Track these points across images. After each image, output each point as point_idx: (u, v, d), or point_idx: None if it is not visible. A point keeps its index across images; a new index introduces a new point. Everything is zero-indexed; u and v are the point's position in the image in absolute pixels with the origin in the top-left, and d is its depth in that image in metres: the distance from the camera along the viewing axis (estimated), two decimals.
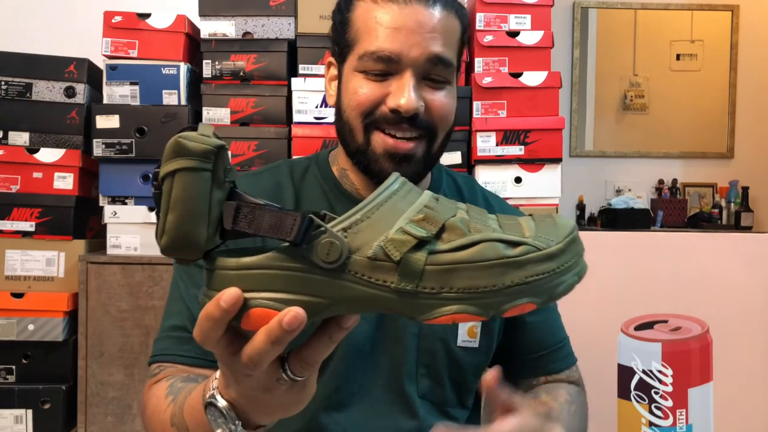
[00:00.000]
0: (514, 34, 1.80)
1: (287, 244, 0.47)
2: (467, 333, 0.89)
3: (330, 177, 0.93)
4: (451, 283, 0.46)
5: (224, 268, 0.48)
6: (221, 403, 0.55)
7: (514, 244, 0.47)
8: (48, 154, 1.77)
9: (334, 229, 0.47)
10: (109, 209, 1.78)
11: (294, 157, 1.73)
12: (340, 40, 0.87)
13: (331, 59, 0.91)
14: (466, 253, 0.47)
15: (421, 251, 0.47)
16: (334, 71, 0.90)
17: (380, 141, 0.83)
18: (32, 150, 1.77)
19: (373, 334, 0.86)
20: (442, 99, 0.84)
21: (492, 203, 0.99)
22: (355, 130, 0.84)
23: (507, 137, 1.77)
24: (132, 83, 1.79)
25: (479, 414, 1.00)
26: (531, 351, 0.95)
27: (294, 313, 0.46)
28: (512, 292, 0.46)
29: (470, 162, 1.80)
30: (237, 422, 0.55)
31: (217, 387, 0.56)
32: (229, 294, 0.46)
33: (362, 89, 0.82)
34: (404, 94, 0.80)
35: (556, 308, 1.00)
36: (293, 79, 1.78)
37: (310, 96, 1.77)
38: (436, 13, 0.82)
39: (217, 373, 0.56)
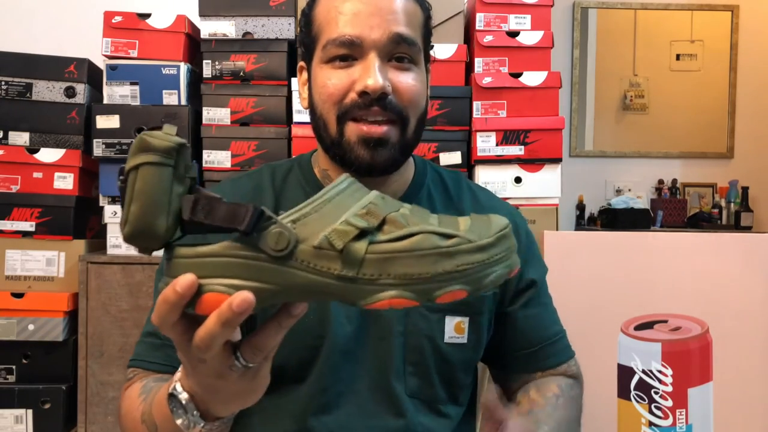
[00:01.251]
0: (514, 34, 1.80)
1: (240, 233, 0.50)
2: (454, 329, 0.88)
3: (312, 178, 0.94)
4: (388, 271, 0.51)
5: (181, 257, 0.52)
6: (182, 394, 0.59)
7: (448, 236, 0.52)
8: (48, 154, 1.77)
9: (284, 221, 0.51)
10: (109, 209, 1.78)
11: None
12: (305, 40, 0.88)
13: (302, 63, 0.92)
14: (404, 243, 0.51)
15: (362, 241, 0.51)
16: (305, 75, 0.91)
17: (353, 129, 0.83)
18: (32, 150, 1.77)
19: (357, 335, 0.86)
20: (409, 81, 0.84)
21: (479, 196, 0.98)
22: (329, 123, 0.85)
23: (507, 137, 1.77)
24: (132, 83, 1.79)
25: (474, 411, 1.00)
26: (523, 346, 0.94)
27: (243, 296, 0.49)
28: (444, 279, 0.51)
29: (470, 162, 1.80)
30: (195, 413, 0.58)
31: (179, 379, 0.59)
32: (184, 279, 0.50)
33: (330, 80, 0.83)
34: (370, 75, 0.80)
35: (550, 303, 0.99)
36: (293, 79, 1.78)
37: None
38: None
39: (180, 367, 0.59)
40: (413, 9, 0.86)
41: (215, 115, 1.80)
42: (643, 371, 1.55)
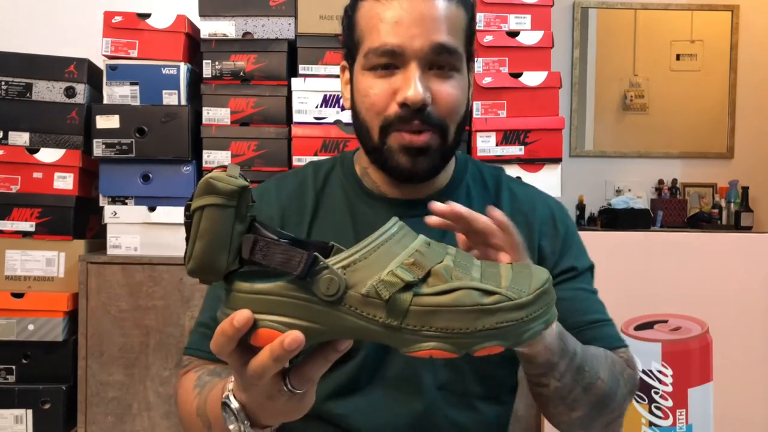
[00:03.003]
0: (514, 34, 1.80)
1: (294, 276, 0.54)
2: None
3: (352, 176, 0.95)
4: (431, 323, 0.53)
5: (240, 291, 0.55)
6: (234, 404, 0.62)
7: (489, 293, 0.54)
8: (48, 154, 1.77)
9: (335, 267, 0.54)
10: (109, 209, 1.78)
11: (293, 161, 1.74)
12: (349, 43, 0.89)
13: (345, 63, 0.93)
14: (446, 298, 0.54)
15: (408, 293, 0.54)
16: (347, 75, 0.92)
17: (396, 137, 0.85)
18: (32, 150, 1.77)
19: None
20: (450, 89, 0.85)
21: (518, 194, 0.97)
22: (371, 130, 0.86)
23: (507, 137, 1.77)
24: (132, 83, 1.79)
25: (509, 407, 0.96)
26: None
27: (294, 335, 0.53)
28: (483, 336, 0.53)
29: None
30: (246, 422, 0.62)
31: (232, 389, 0.63)
32: (241, 315, 0.53)
33: (372, 89, 0.84)
34: (410, 86, 0.81)
35: (591, 292, 0.95)
36: (293, 79, 1.78)
37: (310, 96, 1.77)
38: (437, 3, 0.83)
39: (233, 377, 0.63)
40: (456, 14, 0.85)
41: (215, 115, 1.80)
42: (644, 371, 1.55)
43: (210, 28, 1.82)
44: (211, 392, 0.72)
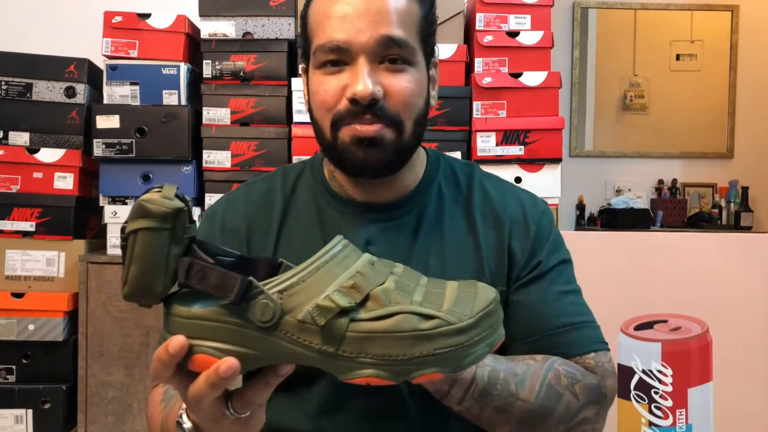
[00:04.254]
0: (514, 34, 1.80)
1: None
2: None
3: (321, 180, 0.93)
4: (367, 350, 0.52)
5: (176, 315, 0.55)
6: (186, 424, 0.63)
7: (428, 317, 0.52)
8: (48, 154, 1.77)
9: (272, 290, 0.53)
10: (109, 209, 1.78)
11: (293, 161, 1.74)
12: (303, 43, 0.87)
13: (303, 65, 0.90)
14: (384, 323, 0.52)
15: (344, 318, 0.52)
16: (305, 77, 0.90)
17: (346, 131, 0.81)
18: (32, 150, 1.77)
19: None
20: (403, 83, 0.81)
21: (490, 193, 0.93)
22: (324, 128, 0.84)
23: (507, 137, 1.77)
24: (132, 83, 1.79)
25: None
26: (517, 337, 0.84)
27: (229, 363, 0.53)
28: (421, 362, 0.52)
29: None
30: None
31: (185, 408, 0.63)
32: (176, 342, 0.53)
33: (322, 86, 0.82)
34: (359, 81, 0.78)
35: (569, 291, 0.89)
36: (293, 79, 1.78)
37: None
38: None
39: None
40: (406, 6, 0.82)
41: (215, 115, 1.80)
42: (643, 371, 1.55)
43: (210, 28, 1.82)
44: (173, 408, 0.73)
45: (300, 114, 1.77)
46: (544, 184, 1.77)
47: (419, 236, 0.87)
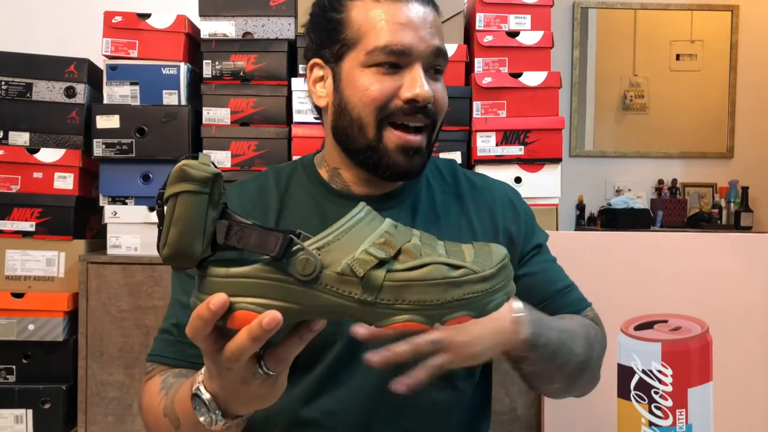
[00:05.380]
0: (514, 34, 1.80)
1: (270, 258, 0.55)
2: None
3: (316, 178, 0.97)
4: (403, 297, 0.56)
5: (214, 276, 0.56)
6: (205, 395, 0.64)
7: (456, 267, 0.57)
8: (48, 154, 1.77)
9: (309, 248, 0.56)
10: (109, 209, 1.78)
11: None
12: (332, 40, 0.90)
13: (317, 61, 0.93)
14: (417, 272, 0.57)
15: (381, 269, 0.56)
16: (319, 72, 0.93)
17: (392, 137, 0.88)
18: (32, 150, 1.77)
19: None
20: (442, 90, 0.92)
21: (475, 182, 1.04)
22: (367, 126, 0.88)
23: (507, 137, 1.77)
24: (132, 83, 1.79)
25: (488, 380, 1.03)
26: (538, 301, 0.96)
27: (272, 315, 0.54)
28: (452, 306, 0.57)
29: (470, 162, 1.80)
30: (217, 412, 0.63)
31: (202, 381, 0.64)
32: (218, 298, 0.55)
33: (375, 84, 0.87)
34: (419, 84, 0.87)
35: (555, 261, 1.04)
36: (293, 79, 1.78)
37: None
38: (429, 10, 0.91)
39: (203, 369, 0.64)
40: (439, 21, 0.92)
41: (215, 115, 1.80)
42: (643, 371, 1.55)
43: (210, 28, 1.82)
44: (179, 390, 0.74)
45: (300, 114, 1.77)
46: (544, 184, 1.78)
47: (416, 223, 0.94)
